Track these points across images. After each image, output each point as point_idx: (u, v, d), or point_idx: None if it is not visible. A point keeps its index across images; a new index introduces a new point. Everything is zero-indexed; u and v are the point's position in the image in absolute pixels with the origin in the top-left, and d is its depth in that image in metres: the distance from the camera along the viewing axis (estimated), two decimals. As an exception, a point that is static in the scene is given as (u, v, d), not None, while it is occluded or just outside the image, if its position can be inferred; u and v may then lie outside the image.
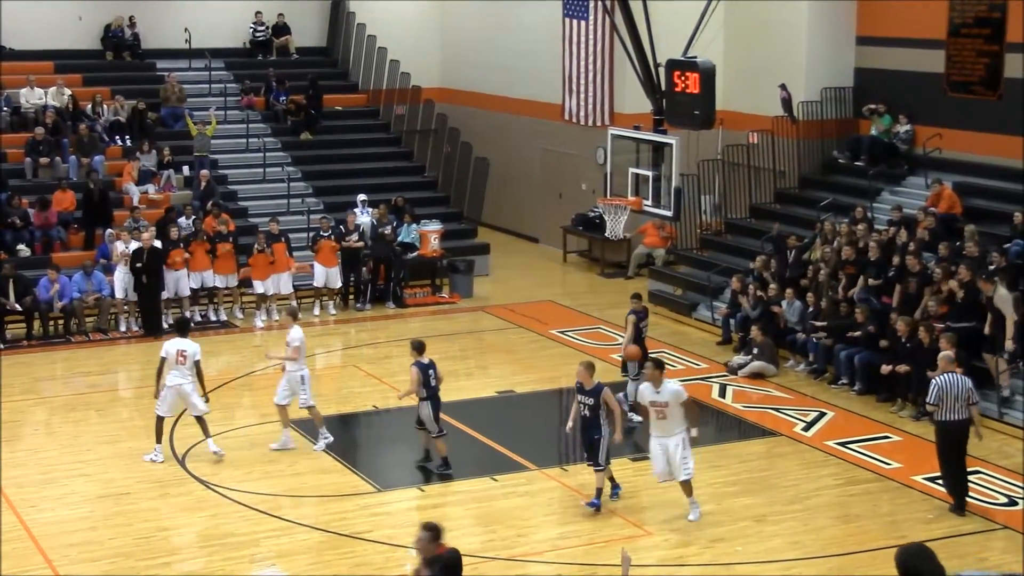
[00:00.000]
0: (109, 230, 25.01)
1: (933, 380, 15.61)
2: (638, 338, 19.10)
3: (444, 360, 22.47)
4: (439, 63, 34.82)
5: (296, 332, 17.53)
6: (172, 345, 17.23)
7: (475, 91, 33.72)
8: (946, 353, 16.08)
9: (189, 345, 17.20)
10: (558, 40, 30.21)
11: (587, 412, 15.52)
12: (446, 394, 19.98)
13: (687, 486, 15.30)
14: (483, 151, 31.04)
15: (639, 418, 18.17)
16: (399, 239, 26.60)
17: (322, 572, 13.97)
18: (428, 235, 26.96)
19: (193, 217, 25.64)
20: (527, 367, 22.02)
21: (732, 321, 23.08)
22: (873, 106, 25.73)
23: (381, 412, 19.58)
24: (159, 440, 17.18)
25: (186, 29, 31.91)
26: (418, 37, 34.29)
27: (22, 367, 21.73)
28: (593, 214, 29.01)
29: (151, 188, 27.35)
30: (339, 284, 25.54)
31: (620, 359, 19.73)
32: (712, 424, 18.80)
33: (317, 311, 25.14)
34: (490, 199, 31.33)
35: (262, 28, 33.34)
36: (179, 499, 15.94)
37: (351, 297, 26.03)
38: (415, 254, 26.74)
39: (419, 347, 16.68)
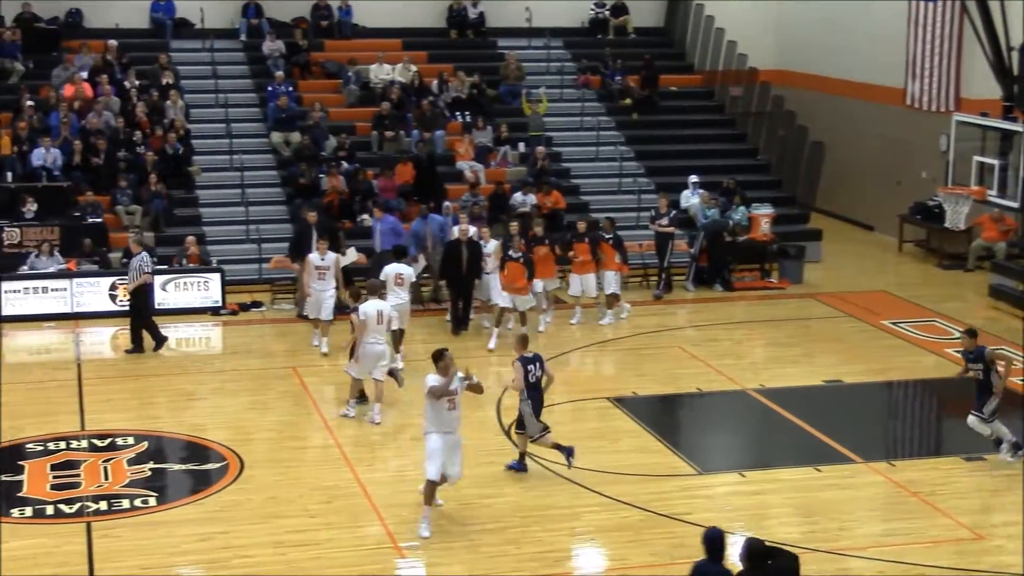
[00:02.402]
0: (446, 203, 25.72)
1: None
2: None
3: (769, 346, 22.42)
4: (777, 45, 34.26)
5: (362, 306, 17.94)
6: (392, 268, 20.03)
7: (813, 74, 33.04)
8: None
9: (404, 269, 20.14)
10: (903, 22, 29.29)
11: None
12: (771, 380, 19.90)
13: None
14: (819, 135, 30.41)
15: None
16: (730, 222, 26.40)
17: (640, 550, 14.05)
18: (759, 219, 26.64)
19: (530, 194, 26.14)
20: (856, 357, 21.46)
21: (1080, 321, 21.86)
22: None
23: (705, 395, 19.49)
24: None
25: (527, 8, 32.55)
26: (757, 18, 33.84)
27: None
28: (933, 203, 28.06)
29: (479, 166, 27.95)
30: (611, 289, 23.31)
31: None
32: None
33: (608, 320, 23.26)
34: (824, 184, 30.73)
35: (601, 8, 33.65)
36: (501, 469, 16.30)
37: (662, 280, 25.40)
38: (745, 237, 26.46)
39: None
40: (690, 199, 27.24)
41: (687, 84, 32.80)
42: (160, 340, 21.46)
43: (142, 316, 21.49)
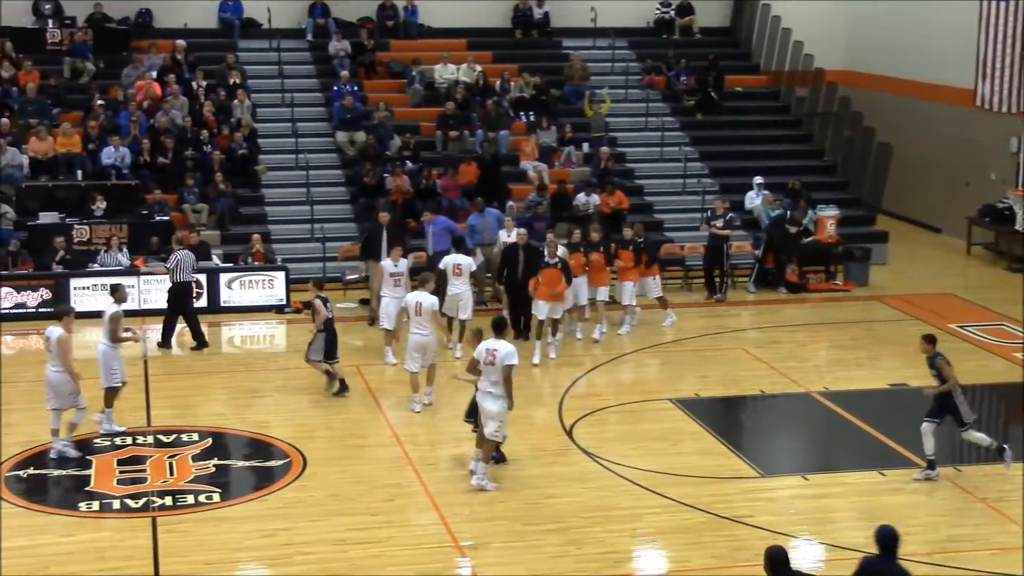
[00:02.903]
0: (509, 203, 25.71)
1: None
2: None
3: (834, 348, 22.23)
4: (845, 45, 34.00)
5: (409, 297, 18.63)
6: (450, 259, 20.06)
7: (881, 74, 32.73)
8: None
9: (463, 259, 20.68)
10: (974, 22, 28.94)
11: None
12: (835, 383, 19.74)
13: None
14: (887, 136, 30.13)
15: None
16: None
17: (701, 553, 14.00)
18: (824, 220, 26.43)
19: (593, 194, 26.09)
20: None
21: None
22: None
23: (768, 397, 19.37)
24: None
25: (592, 8, 32.50)
26: (824, 18, 33.59)
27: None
28: (1002, 205, 27.73)
29: (543, 166, 27.94)
30: (655, 293, 22.84)
31: None
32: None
33: (671, 320, 23.06)
34: (891, 186, 30.44)
35: (667, 8, 33.55)
36: (565, 468, 16.31)
37: (725, 283, 25.08)
38: (810, 239, 26.27)
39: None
40: (754, 200, 27.08)
41: (753, 84, 32.63)
42: (167, 342, 21.59)
43: (184, 312, 21.65)
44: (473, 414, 16.09)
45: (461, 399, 18.64)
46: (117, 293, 17.84)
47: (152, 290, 23.26)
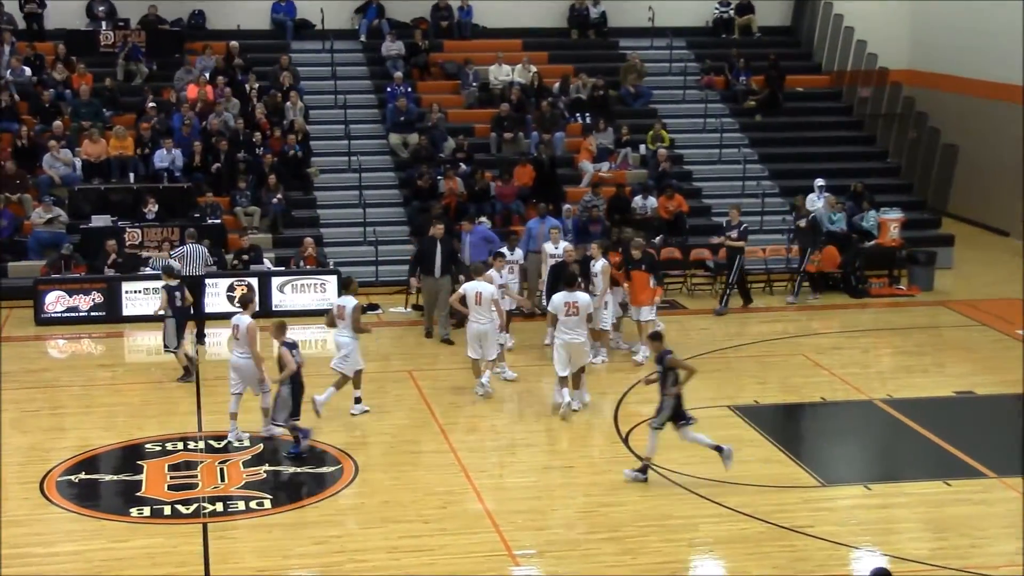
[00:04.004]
0: (566, 206, 25.38)
1: None
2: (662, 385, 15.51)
3: (898, 355, 21.83)
4: (909, 44, 33.51)
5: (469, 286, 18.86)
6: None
7: (946, 74, 32.18)
8: None
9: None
10: (1042, 19, 28.42)
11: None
12: (899, 390, 19.31)
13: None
14: (952, 137, 29.62)
15: None
16: (862, 226, 25.74)
17: (761, 563, 13.66)
18: (888, 223, 25.99)
19: (650, 197, 25.79)
20: (989, 367, 20.74)
21: None
22: None
23: (829, 404, 19.00)
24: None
25: (650, 8, 32.17)
26: (888, 17, 33.16)
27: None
28: (1071, 207, 27.15)
29: (605, 166, 27.73)
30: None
31: None
32: None
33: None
34: (957, 188, 29.93)
35: (726, 7, 33.18)
36: (621, 476, 15.99)
37: (726, 295, 23.96)
38: (873, 243, 25.81)
39: (169, 271, 19.63)
40: (816, 203, 26.61)
41: (814, 85, 32.23)
42: (200, 339, 21.64)
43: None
44: (296, 413, 16.48)
45: (510, 407, 18.45)
46: (351, 285, 18.43)
47: (204, 293, 23.12)
